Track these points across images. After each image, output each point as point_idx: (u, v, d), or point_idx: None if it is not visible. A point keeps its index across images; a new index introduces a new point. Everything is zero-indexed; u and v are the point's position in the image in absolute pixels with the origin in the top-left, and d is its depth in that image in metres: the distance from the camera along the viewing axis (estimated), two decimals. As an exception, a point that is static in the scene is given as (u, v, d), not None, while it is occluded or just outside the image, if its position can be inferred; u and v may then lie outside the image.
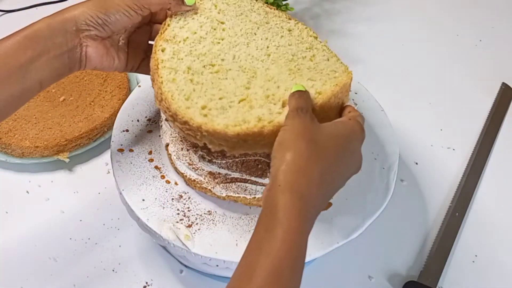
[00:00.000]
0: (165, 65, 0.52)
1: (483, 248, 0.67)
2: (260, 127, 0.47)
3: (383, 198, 0.56)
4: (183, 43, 0.54)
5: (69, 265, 0.63)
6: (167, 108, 0.50)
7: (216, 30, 0.55)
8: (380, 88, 0.72)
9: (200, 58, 0.53)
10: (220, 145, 0.48)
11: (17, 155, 0.72)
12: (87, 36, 0.50)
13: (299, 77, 0.52)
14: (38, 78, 0.48)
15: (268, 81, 0.51)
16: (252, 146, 0.48)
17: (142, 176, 0.57)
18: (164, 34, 0.54)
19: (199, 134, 0.48)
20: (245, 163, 0.53)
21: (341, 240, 0.52)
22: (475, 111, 0.84)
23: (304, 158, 0.41)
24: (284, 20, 0.58)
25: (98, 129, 0.74)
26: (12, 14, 0.98)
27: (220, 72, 0.52)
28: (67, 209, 0.69)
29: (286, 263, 0.38)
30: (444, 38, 0.98)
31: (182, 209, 0.54)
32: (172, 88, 0.50)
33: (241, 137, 0.47)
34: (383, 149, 0.61)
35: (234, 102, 0.49)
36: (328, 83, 0.51)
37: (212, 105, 0.49)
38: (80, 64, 0.51)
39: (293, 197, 0.40)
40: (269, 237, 0.39)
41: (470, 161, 0.76)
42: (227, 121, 0.47)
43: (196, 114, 0.48)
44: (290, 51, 0.55)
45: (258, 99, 0.50)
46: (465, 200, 0.71)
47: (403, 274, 0.63)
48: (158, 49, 0.53)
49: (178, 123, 0.49)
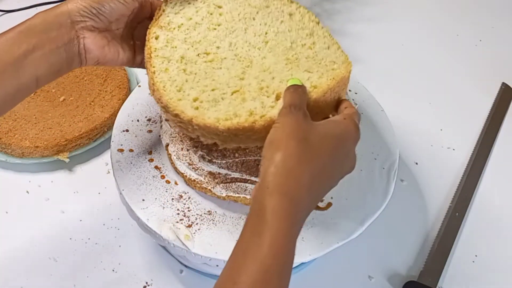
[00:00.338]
0: (158, 54, 0.50)
1: (483, 248, 0.67)
2: (251, 122, 0.46)
3: (383, 198, 0.56)
4: (177, 30, 0.52)
5: (69, 265, 0.63)
6: (158, 99, 0.49)
7: (213, 15, 0.53)
8: (380, 88, 0.72)
9: (194, 46, 0.51)
10: (212, 139, 0.48)
11: (17, 155, 0.72)
12: (83, 27, 0.49)
13: (295, 67, 0.50)
14: (34, 73, 0.47)
15: (263, 71, 0.50)
16: (243, 140, 0.47)
17: (142, 176, 0.57)
18: (158, 20, 0.52)
19: (191, 127, 0.47)
20: (245, 163, 0.53)
21: (341, 240, 0.52)
22: (475, 111, 0.84)
23: (294, 159, 0.40)
24: (286, 3, 0.55)
25: (98, 129, 0.74)
26: (12, 14, 0.98)
27: (214, 61, 0.50)
28: (67, 209, 0.69)
29: (273, 269, 0.37)
30: (444, 38, 0.98)
31: (182, 209, 0.54)
32: (164, 78, 0.49)
33: (231, 132, 0.46)
34: (383, 149, 0.61)
35: (227, 94, 0.48)
36: (325, 76, 0.49)
37: (204, 97, 0.48)
38: (80, 58, 0.50)
39: (281, 200, 0.39)
40: (256, 241, 0.38)
41: (470, 161, 0.76)
42: (217, 114, 0.46)
43: (187, 107, 0.47)
44: (289, 38, 0.52)
45: (251, 91, 0.48)
46: (465, 200, 0.71)
47: (403, 274, 0.63)
48: (151, 36, 0.51)
49: (170, 115, 0.48)
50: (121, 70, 0.81)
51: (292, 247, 0.39)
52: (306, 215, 0.42)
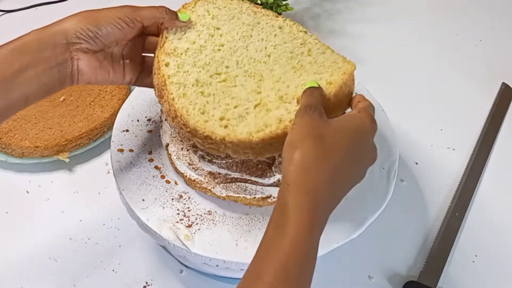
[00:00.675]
0: (172, 81, 0.51)
1: (483, 248, 0.67)
2: (282, 128, 0.47)
3: (383, 198, 0.56)
4: (185, 55, 0.53)
5: (69, 265, 0.63)
6: (183, 124, 0.49)
7: (214, 36, 0.55)
8: (380, 88, 0.72)
9: (205, 69, 0.52)
10: (246, 153, 0.49)
11: (17, 155, 0.72)
12: (78, 49, 0.48)
13: (305, 73, 0.52)
14: (25, 92, 0.46)
15: (276, 82, 0.52)
16: (277, 148, 0.48)
17: (142, 176, 0.57)
18: (164, 47, 0.53)
19: (223, 146, 0.48)
20: (245, 163, 0.53)
21: (341, 240, 0.52)
22: (475, 111, 0.84)
23: (311, 157, 0.42)
24: (273, 18, 0.58)
25: (98, 129, 0.74)
26: (12, 14, 0.98)
27: (228, 80, 0.52)
28: (67, 209, 0.69)
29: (293, 261, 0.38)
30: (444, 38, 0.98)
31: (182, 209, 0.54)
32: (185, 103, 0.50)
33: (266, 142, 0.47)
34: (383, 149, 0.61)
35: (250, 108, 0.50)
36: (336, 73, 0.51)
37: (230, 115, 0.49)
38: (72, 78, 0.49)
39: (302, 196, 0.40)
40: (278, 235, 0.39)
41: (470, 161, 0.76)
42: (248, 128, 0.48)
43: (216, 127, 0.48)
44: (287, 49, 0.55)
45: (272, 102, 0.50)
46: (465, 200, 0.71)
47: (403, 274, 0.63)
48: (161, 64, 0.52)
49: (198, 138, 0.49)
50: (121, 70, 0.81)
51: (314, 241, 0.40)
52: (329, 210, 0.43)
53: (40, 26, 0.48)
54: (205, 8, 0.57)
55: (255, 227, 0.53)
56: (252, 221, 0.54)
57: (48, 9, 1.00)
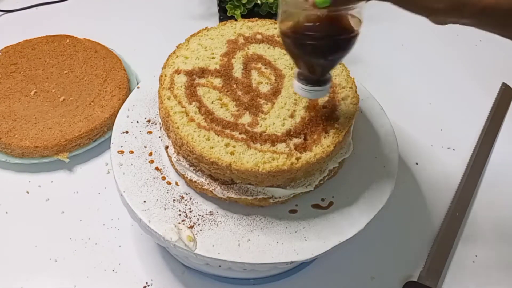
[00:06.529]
0: (175, 111, 0.53)
1: (483, 248, 0.67)
2: (289, 165, 0.49)
3: (383, 197, 0.56)
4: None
5: (69, 265, 0.63)
6: (190, 151, 0.51)
7: (210, 66, 0.57)
8: (380, 88, 0.72)
9: (206, 96, 0.54)
10: (247, 180, 0.50)
11: (17, 155, 0.72)
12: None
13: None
14: None
15: (281, 108, 0.53)
16: (280, 180, 0.50)
17: (143, 177, 0.57)
18: (164, 84, 0.56)
19: (228, 172, 0.49)
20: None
21: (341, 239, 0.52)
22: (475, 111, 0.84)
23: None
24: (270, 27, 0.61)
25: (98, 129, 0.74)
26: (12, 14, 0.98)
27: (229, 105, 0.53)
28: (67, 209, 0.69)
29: None
30: (444, 38, 0.98)
31: (184, 210, 0.54)
32: (189, 130, 0.51)
33: (271, 174, 0.49)
34: (383, 149, 0.61)
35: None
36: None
37: (234, 141, 0.50)
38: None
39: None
40: None
41: (470, 161, 0.76)
42: (254, 158, 0.49)
43: (222, 153, 0.49)
44: (285, 63, 0.57)
45: (278, 131, 0.52)
46: (465, 200, 0.71)
47: (403, 274, 0.63)
48: (163, 98, 0.54)
49: (204, 164, 0.50)
50: (121, 70, 0.81)
51: None
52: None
53: (40, 26, 0.48)
54: (198, 43, 0.60)
55: (257, 227, 0.53)
56: (254, 221, 0.53)
57: (48, 9, 0.99)
